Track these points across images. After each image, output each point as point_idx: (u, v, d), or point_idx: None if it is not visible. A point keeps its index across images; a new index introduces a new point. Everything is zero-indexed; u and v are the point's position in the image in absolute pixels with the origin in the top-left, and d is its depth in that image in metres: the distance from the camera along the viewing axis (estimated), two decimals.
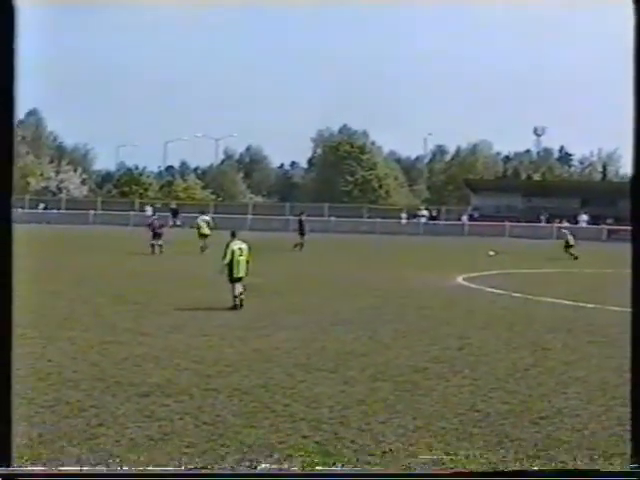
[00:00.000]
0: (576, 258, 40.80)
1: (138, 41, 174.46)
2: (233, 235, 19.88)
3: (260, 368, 12.44)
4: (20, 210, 76.17)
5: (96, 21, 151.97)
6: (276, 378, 11.78)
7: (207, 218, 42.89)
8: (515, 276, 31.61)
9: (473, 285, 27.00)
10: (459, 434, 9.17)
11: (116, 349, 13.68)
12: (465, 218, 77.92)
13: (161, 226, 39.68)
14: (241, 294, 19.06)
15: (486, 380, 12.02)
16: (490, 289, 25.64)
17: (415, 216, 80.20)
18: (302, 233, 45.16)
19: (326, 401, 10.50)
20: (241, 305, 18.93)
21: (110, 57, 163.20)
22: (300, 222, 46.00)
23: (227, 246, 19.52)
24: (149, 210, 76.24)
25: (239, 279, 19.23)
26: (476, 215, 78.84)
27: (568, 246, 42.32)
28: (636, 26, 4.69)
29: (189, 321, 17.08)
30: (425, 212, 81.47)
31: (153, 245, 38.29)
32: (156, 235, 38.67)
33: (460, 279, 28.73)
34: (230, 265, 19.21)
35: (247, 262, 19.40)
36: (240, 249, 19.41)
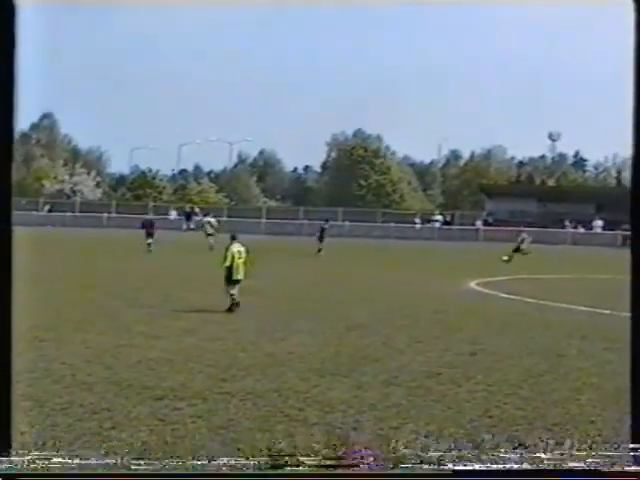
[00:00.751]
0: (508, 261, 40.70)
1: (152, 44, 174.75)
2: (233, 238, 20.09)
3: (273, 372, 12.43)
4: (34, 213, 76.48)
5: (110, 22, 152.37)
6: (290, 382, 11.77)
7: (210, 219, 48.60)
8: (529, 281, 31.52)
9: (487, 290, 26.94)
10: (472, 440, 9.12)
11: (130, 352, 13.70)
12: (479, 223, 77.91)
13: (151, 226, 43.69)
14: (232, 295, 19.28)
15: (499, 386, 11.97)
16: (504, 294, 25.58)
17: (429, 221, 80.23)
18: (321, 239, 46.92)
19: (339, 406, 10.48)
20: (237, 305, 19.12)
21: (125, 60, 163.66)
22: (322, 229, 47.79)
23: (227, 249, 19.73)
24: (173, 214, 76.76)
25: (237, 281, 19.43)
26: (490, 220, 78.76)
27: (517, 249, 42.48)
28: (636, 26, 4.67)
29: (201, 325, 17.09)
30: (439, 217, 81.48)
31: (149, 244, 42.25)
32: (148, 235, 42.84)
33: (474, 284, 28.67)
34: (229, 268, 19.34)
35: (245, 265, 19.55)
36: (239, 252, 19.60)
